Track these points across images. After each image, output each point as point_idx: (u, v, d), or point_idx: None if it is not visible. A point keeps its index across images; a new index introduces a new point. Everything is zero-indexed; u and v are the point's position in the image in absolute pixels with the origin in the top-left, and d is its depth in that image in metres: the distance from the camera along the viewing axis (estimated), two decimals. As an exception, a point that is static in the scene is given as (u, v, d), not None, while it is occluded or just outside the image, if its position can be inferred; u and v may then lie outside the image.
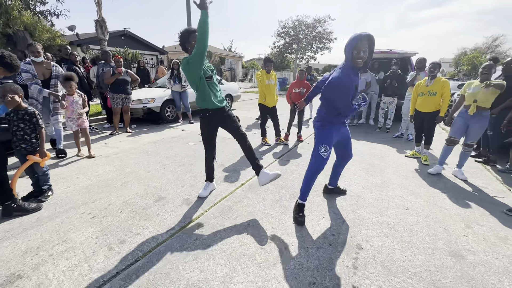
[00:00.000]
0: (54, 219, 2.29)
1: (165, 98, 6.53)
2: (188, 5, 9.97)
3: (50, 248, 1.92)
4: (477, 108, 3.26)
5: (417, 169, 3.76)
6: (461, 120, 3.43)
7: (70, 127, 3.80)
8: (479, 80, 3.34)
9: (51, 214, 2.35)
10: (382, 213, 2.52)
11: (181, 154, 4.09)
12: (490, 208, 2.70)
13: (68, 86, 3.63)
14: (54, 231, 2.11)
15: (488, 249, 2.05)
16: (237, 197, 2.76)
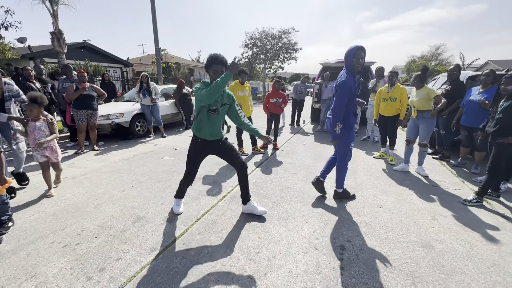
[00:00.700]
0: (18, 252, 2.06)
1: (135, 113, 6.28)
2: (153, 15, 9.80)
3: (17, 286, 1.72)
4: (417, 112, 3.76)
5: (385, 169, 4.06)
6: (412, 122, 3.94)
7: (36, 158, 3.03)
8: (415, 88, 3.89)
9: (14, 248, 2.11)
10: (359, 213, 2.68)
11: (156, 170, 3.95)
12: (449, 200, 3.01)
13: (28, 109, 2.90)
14: (20, 266, 1.90)
15: (452, 237, 2.28)
16: (220, 210, 2.73)
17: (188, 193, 3.11)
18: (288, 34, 22.36)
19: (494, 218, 2.62)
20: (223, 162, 4.30)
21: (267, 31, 22.19)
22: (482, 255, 2.04)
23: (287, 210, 2.73)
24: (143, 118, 6.51)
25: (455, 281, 1.77)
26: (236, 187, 3.30)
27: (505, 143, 2.77)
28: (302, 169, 4.00)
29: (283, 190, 3.22)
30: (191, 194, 3.09)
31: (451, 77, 4.42)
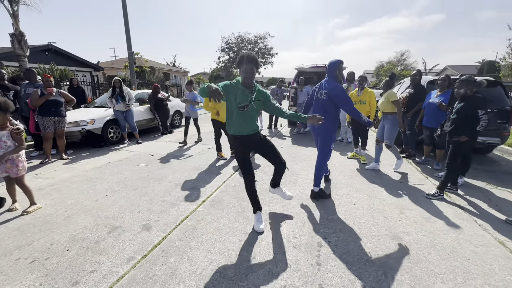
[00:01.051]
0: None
1: (107, 118, 6.02)
2: (125, 17, 9.49)
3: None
4: (383, 113, 4.12)
5: (358, 169, 4.29)
6: (381, 124, 4.25)
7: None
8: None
9: (-27, 267, 1.95)
10: (334, 211, 2.81)
11: (132, 178, 3.82)
12: (415, 195, 3.26)
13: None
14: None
15: (418, 228, 2.47)
16: (199, 215, 2.72)
17: (166, 200, 3.07)
18: (264, 39, 22.82)
19: (453, 210, 2.88)
20: (202, 167, 4.29)
21: (243, 36, 22.47)
22: (443, 244, 2.24)
23: (266, 212, 2.78)
24: (117, 124, 6.26)
25: (420, 268, 1.93)
26: (216, 191, 3.31)
27: (460, 141, 3.07)
28: (280, 171, 4.09)
29: (262, 193, 3.27)
30: (169, 201, 3.04)
31: (413, 81, 4.80)
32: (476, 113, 2.98)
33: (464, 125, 3.03)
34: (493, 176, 4.07)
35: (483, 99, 3.03)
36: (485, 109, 3.02)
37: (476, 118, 2.99)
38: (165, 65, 29.86)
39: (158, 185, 3.52)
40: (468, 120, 3.01)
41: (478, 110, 2.97)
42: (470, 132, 3.03)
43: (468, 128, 3.02)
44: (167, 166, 4.35)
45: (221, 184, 3.57)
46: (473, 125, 3.01)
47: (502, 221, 2.65)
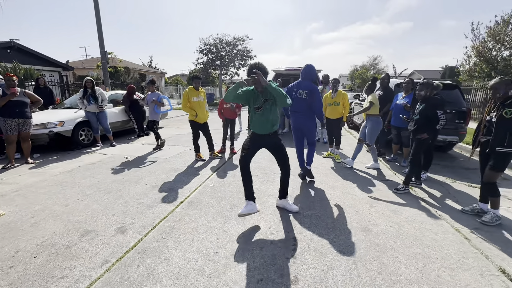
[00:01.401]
0: None
1: (78, 120, 5.74)
2: (97, 14, 9.10)
3: None
4: (366, 115, 4.33)
5: (333, 167, 4.48)
6: (364, 125, 4.49)
7: None
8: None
9: None
10: (310, 207, 2.92)
11: (106, 181, 3.69)
12: (384, 190, 3.48)
13: None
14: None
15: (385, 220, 2.66)
16: (177, 216, 2.70)
17: (142, 202, 3.01)
18: (243, 41, 22.91)
19: (417, 202, 3.12)
20: (180, 168, 4.24)
21: (221, 38, 22.38)
22: (407, 233, 2.43)
23: (245, 210, 2.83)
24: (89, 126, 5.98)
25: (387, 256, 2.08)
26: (194, 192, 3.30)
27: (422, 138, 3.34)
28: (259, 171, 4.17)
29: (240, 192, 3.31)
30: (146, 203, 2.98)
31: (382, 84, 5.12)
32: (436, 113, 3.26)
33: (425, 124, 3.30)
34: (453, 171, 4.45)
35: (441, 101, 3.33)
36: (443, 109, 3.31)
37: (436, 118, 3.27)
38: (141, 66, 28.95)
39: (134, 188, 3.44)
40: (428, 119, 3.28)
41: (437, 111, 3.25)
42: (430, 130, 3.30)
43: (429, 127, 3.30)
44: (143, 169, 4.25)
45: (200, 185, 3.56)
46: (433, 124, 3.29)
47: (458, 211, 2.92)
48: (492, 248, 2.24)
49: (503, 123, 2.47)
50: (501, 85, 2.50)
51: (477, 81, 10.31)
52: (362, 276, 1.86)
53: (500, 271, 1.95)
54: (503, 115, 2.46)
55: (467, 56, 9.75)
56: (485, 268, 1.97)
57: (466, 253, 2.14)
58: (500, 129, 2.49)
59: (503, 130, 2.47)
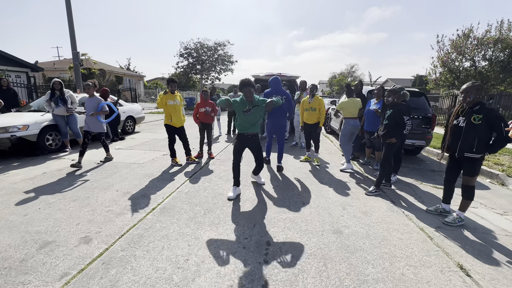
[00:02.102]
0: None
1: (45, 124, 5.40)
2: (69, 13, 8.70)
3: None
4: (344, 118, 4.60)
5: (310, 170, 4.57)
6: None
7: None
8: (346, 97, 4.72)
9: None
10: (285, 211, 2.94)
11: (73, 188, 3.48)
12: (357, 193, 3.60)
13: None
14: None
15: (356, 222, 2.74)
16: (148, 223, 2.60)
17: (111, 210, 2.87)
18: (224, 46, 22.96)
19: (386, 204, 3.25)
20: (154, 174, 4.11)
21: (202, 42, 22.28)
22: (376, 234, 2.51)
23: (219, 215, 2.79)
24: (57, 131, 5.65)
25: (356, 257, 2.14)
26: (168, 198, 3.20)
27: (392, 142, 3.50)
28: (236, 176, 4.15)
29: (216, 197, 3.27)
30: (115, 210, 2.85)
31: (356, 90, 5.32)
32: (403, 119, 3.43)
33: (393, 129, 3.47)
34: (420, 173, 4.70)
35: (408, 107, 3.52)
36: (409, 115, 3.49)
37: (403, 123, 3.44)
38: (118, 68, 27.98)
39: (103, 195, 3.27)
40: (396, 124, 3.45)
41: (404, 116, 3.43)
42: (398, 135, 3.47)
43: (397, 132, 3.47)
44: (115, 175, 4.07)
45: (174, 190, 3.47)
46: (401, 129, 3.46)
47: (424, 211, 3.08)
48: (452, 246, 2.38)
49: (471, 128, 2.55)
50: (472, 89, 2.55)
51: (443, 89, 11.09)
52: (331, 278, 1.89)
53: (458, 267, 2.07)
54: (471, 121, 2.55)
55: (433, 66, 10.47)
56: (445, 265, 2.09)
57: (429, 251, 2.26)
58: (469, 135, 2.56)
59: (472, 136, 2.55)
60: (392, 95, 3.51)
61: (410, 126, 3.45)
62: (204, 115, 4.97)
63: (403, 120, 3.43)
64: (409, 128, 3.45)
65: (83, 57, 16.62)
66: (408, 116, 3.43)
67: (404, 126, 3.45)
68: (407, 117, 3.41)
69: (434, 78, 10.44)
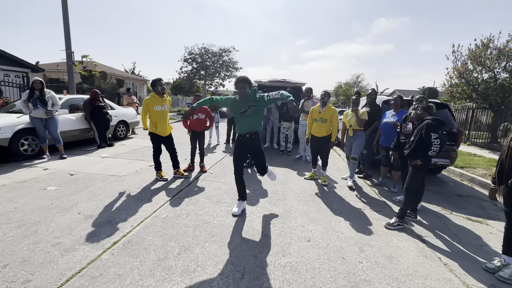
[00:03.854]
0: None
1: (20, 127, 4.84)
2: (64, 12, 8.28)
3: None
4: (353, 131, 4.13)
5: (316, 192, 3.88)
6: (348, 141, 4.33)
7: None
8: (350, 110, 4.25)
9: None
10: (285, 252, 2.26)
11: (26, 208, 2.85)
12: (375, 224, 2.90)
13: None
14: None
15: (380, 273, 2.04)
16: (100, 267, 1.94)
17: (60, 242, 2.23)
18: (229, 52, 22.61)
19: (415, 244, 2.55)
20: (132, 190, 3.47)
21: (207, 48, 21.97)
22: (410, 296, 1.82)
23: (197, 257, 2.12)
24: (34, 135, 5.08)
25: None
26: (138, 227, 2.55)
27: (417, 165, 2.83)
28: (229, 196, 3.49)
29: (198, 227, 2.61)
30: (64, 244, 2.20)
31: (370, 100, 4.69)
32: (430, 136, 2.74)
33: (419, 148, 2.80)
34: (446, 198, 3.99)
35: (438, 121, 2.82)
36: (439, 131, 2.78)
37: (429, 141, 2.74)
38: (122, 72, 27.81)
39: (59, 219, 2.63)
40: (423, 143, 2.78)
41: (432, 133, 2.74)
42: (424, 156, 2.79)
43: (422, 152, 2.79)
44: (84, 190, 3.43)
45: (148, 215, 2.81)
46: (428, 149, 2.77)
47: (466, 256, 2.38)
48: (521, 321, 1.67)
49: None
50: None
51: (459, 102, 10.38)
52: None
53: None
54: None
55: (449, 77, 9.80)
56: None
57: (492, 333, 1.56)
58: None
59: None
60: (422, 108, 2.87)
61: (438, 146, 2.74)
62: (196, 123, 4.36)
63: (429, 137, 2.74)
64: (436, 149, 2.74)
65: (85, 59, 16.33)
66: (437, 133, 2.74)
67: (430, 146, 2.74)
68: (435, 135, 2.72)
69: (450, 90, 9.77)
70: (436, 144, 2.70)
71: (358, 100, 4.24)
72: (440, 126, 2.79)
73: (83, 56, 16.19)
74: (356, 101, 4.21)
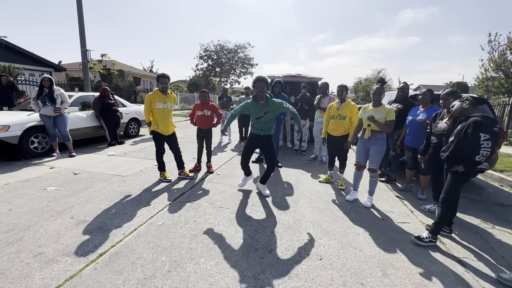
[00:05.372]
0: None
1: (30, 125, 4.83)
2: (79, 11, 8.36)
3: None
4: (371, 132, 3.16)
5: (331, 198, 3.48)
6: (361, 144, 3.33)
7: None
8: (372, 104, 3.28)
9: None
10: (292, 274, 1.92)
11: (20, 210, 2.72)
12: (400, 240, 2.48)
13: None
14: None
15: (409, 308, 1.65)
16: (78, 284, 1.71)
17: (43, 252, 2.03)
18: (244, 49, 22.35)
19: (453, 267, 2.11)
20: (132, 192, 3.25)
21: (222, 44, 21.83)
22: None
23: (189, 276, 1.84)
24: (45, 132, 5.07)
25: None
26: (130, 235, 2.31)
27: (459, 171, 2.35)
28: (233, 200, 3.19)
29: (195, 238, 2.33)
30: (47, 254, 2.00)
31: (402, 96, 4.16)
32: (478, 138, 2.25)
33: (463, 151, 2.33)
34: (485, 208, 3.44)
35: (489, 119, 2.30)
36: (488, 132, 2.29)
37: (477, 143, 2.26)
38: (140, 70, 28.41)
39: (49, 224, 2.46)
40: (467, 145, 2.31)
41: (481, 134, 2.25)
42: (469, 161, 2.30)
43: (467, 156, 2.32)
44: (83, 191, 3.28)
45: (144, 221, 2.58)
46: (474, 152, 2.29)
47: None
48: None
49: None
50: None
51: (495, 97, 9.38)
52: None
53: None
54: None
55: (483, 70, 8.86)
56: None
57: None
58: None
59: None
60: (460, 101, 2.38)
61: (489, 150, 2.23)
62: (201, 119, 4.09)
63: (478, 138, 2.26)
64: (486, 154, 2.23)
65: (103, 58, 16.71)
66: (487, 133, 2.25)
67: (478, 149, 2.26)
68: (486, 136, 2.24)
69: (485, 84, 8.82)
70: (486, 148, 2.19)
71: (381, 90, 3.16)
72: (491, 125, 2.29)
73: (102, 55, 16.57)
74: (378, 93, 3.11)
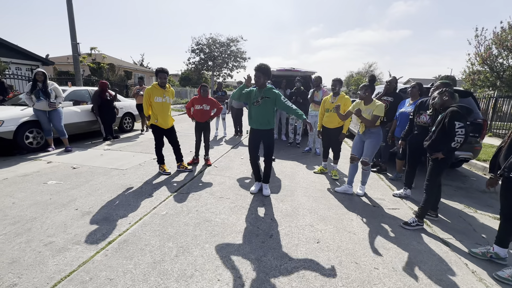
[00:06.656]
0: None
1: (24, 120, 4.78)
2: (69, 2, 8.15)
3: None
4: (365, 127, 3.25)
5: (326, 187, 3.65)
6: (357, 138, 3.42)
7: None
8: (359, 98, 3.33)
9: None
10: (291, 255, 2.07)
11: (24, 203, 2.77)
12: (391, 224, 2.66)
13: None
14: None
15: (399, 282, 1.82)
16: (91, 270, 1.81)
17: (52, 242, 2.11)
18: (237, 42, 22.18)
19: (438, 247, 2.30)
20: (133, 185, 3.35)
21: (214, 38, 21.59)
22: (434, 310, 1.60)
23: (196, 259, 1.96)
24: (39, 127, 5.03)
25: None
26: (136, 225, 2.41)
27: (439, 158, 2.53)
28: (233, 191, 3.31)
29: (199, 225, 2.45)
30: (57, 243, 2.08)
31: (390, 89, 4.34)
32: (453, 126, 2.40)
33: (440, 140, 2.51)
34: (468, 195, 3.68)
35: (465, 108, 2.47)
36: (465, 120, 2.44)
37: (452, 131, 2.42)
38: (130, 64, 27.86)
39: (55, 215, 2.53)
40: (444, 133, 2.48)
41: (456, 122, 2.40)
42: (446, 148, 2.47)
43: (444, 144, 2.49)
44: (85, 185, 3.33)
45: (148, 211, 2.67)
46: (451, 140, 2.46)
47: (497, 263, 2.11)
48: None
49: None
50: None
51: (480, 91, 9.73)
52: None
53: None
54: None
55: (470, 64, 9.16)
56: None
57: None
58: None
59: None
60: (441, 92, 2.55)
61: (462, 137, 2.36)
62: (200, 113, 4.16)
63: (453, 126, 2.40)
64: (460, 140, 2.38)
65: (93, 51, 16.32)
66: (463, 122, 2.40)
67: (452, 136, 2.42)
68: (460, 124, 2.38)
69: (471, 78, 9.14)
70: (460, 134, 2.36)
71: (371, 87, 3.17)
72: (467, 115, 2.46)
73: (91, 48, 16.20)
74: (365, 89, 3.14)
